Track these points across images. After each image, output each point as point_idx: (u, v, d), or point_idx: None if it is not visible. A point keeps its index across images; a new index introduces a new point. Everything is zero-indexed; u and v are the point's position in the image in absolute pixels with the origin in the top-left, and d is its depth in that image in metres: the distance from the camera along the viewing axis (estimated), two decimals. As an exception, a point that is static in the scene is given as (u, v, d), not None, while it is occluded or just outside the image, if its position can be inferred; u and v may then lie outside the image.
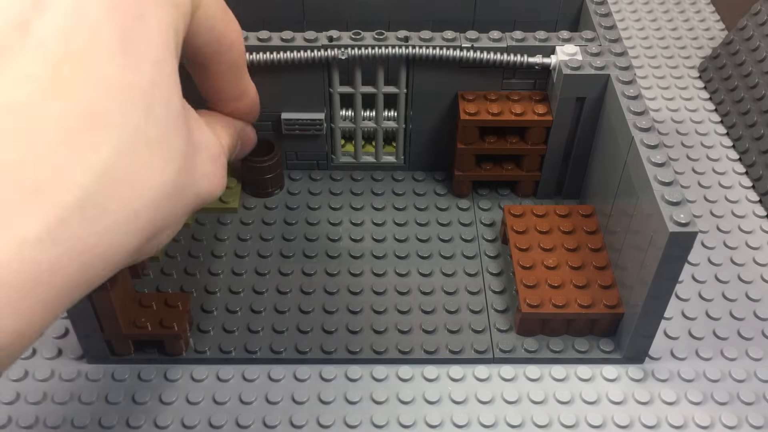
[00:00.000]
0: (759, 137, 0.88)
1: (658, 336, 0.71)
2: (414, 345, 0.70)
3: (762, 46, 0.93)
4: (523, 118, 0.77)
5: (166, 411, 0.67)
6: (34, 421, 0.66)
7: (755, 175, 0.87)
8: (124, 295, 0.66)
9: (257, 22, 0.86)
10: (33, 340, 0.40)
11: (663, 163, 0.64)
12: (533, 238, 0.74)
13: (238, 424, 0.66)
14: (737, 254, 0.80)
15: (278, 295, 0.74)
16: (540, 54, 0.77)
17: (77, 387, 0.68)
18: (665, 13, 1.11)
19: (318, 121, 0.81)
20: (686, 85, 0.99)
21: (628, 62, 0.74)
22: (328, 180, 0.85)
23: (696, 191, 0.86)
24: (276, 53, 0.76)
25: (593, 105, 0.75)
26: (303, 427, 0.66)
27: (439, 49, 0.76)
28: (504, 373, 0.69)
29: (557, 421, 0.66)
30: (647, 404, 0.68)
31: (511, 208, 0.77)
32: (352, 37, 0.77)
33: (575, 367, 0.70)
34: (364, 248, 0.78)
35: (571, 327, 0.70)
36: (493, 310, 0.73)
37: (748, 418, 0.67)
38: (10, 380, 0.68)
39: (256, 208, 0.82)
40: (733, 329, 0.73)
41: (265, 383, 0.69)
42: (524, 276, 0.71)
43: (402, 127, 0.83)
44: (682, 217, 0.60)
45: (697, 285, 0.77)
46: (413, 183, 0.85)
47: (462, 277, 0.76)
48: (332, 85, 0.79)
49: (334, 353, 0.70)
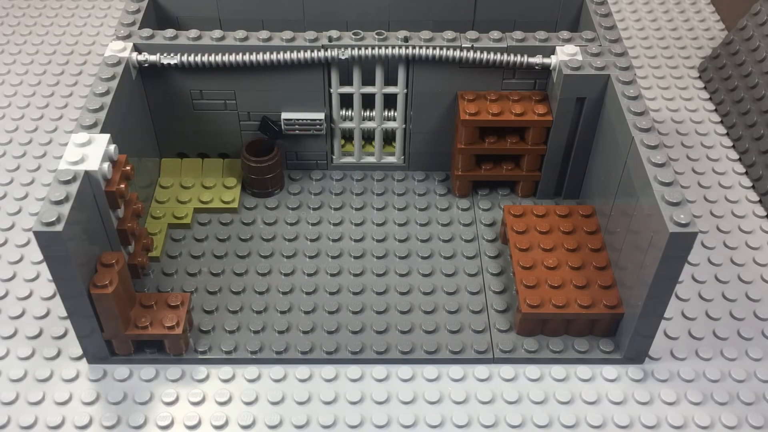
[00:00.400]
0: (759, 137, 0.88)
1: (658, 336, 0.71)
2: (414, 345, 0.70)
3: (762, 46, 0.93)
4: (523, 118, 0.77)
5: (166, 411, 0.67)
6: (34, 421, 0.66)
7: (755, 175, 0.87)
8: (124, 295, 0.66)
9: (257, 22, 0.86)
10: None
11: (663, 163, 0.64)
12: (533, 238, 0.74)
13: (238, 424, 0.66)
14: (737, 254, 0.80)
15: (278, 295, 0.74)
16: (540, 54, 0.77)
17: (77, 387, 0.68)
18: (665, 13, 1.11)
19: (318, 121, 0.81)
20: (686, 85, 0.99)
21: (628, 62, 0.74)
22: (328, 180, 0.85)
23: (696, 191, 0.86)
24: (276, 53, 0.76)
25: (593, 105, 0.75)
26: (303, 427, 0.66)
27: (440, 50, 0.76)
28: (504, 373, 0.69)
29: (557, 421, 0.66)
30: (647, 404, 0.68)
31: (511, 208, 0.77)
32: (352, 37, 0.77)
33: (575, 367, 0.70)
34: (364, 248, 0.78)
35: (571, 327, 0.70)
36: (493, 310, 0.73)
37: (748, 418, 0.67)
38: (10, 380, 0.68)
39: (256, 208, 0.82)
40: (733, 329, 0.73)
41: (265, 383, 0.69)
42: (524, 276, 0.71)
43: (402, 127, 0.83)
44: (682, 218, 0.60)
45: (697, 285, 0.77)
46: (413, 183, 0.85)
47: (462, 277, 0.76)
48: (332, 85, 0.79)
49: (334, 353, 0.70)
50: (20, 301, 0.74)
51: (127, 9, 0.80)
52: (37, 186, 0.85)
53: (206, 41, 0.76)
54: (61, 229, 0.59)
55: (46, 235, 0.59)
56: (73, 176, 0.62)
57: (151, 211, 0.80)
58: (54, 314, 0.73)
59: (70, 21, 1.08)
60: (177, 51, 0.76)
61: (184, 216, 0.80)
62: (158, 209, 0.80)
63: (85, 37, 1.05)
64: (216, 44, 0.76)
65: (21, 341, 0.71)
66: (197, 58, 0.76)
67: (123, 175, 0.67)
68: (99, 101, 0.70)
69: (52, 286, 0.75)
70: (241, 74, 0.78)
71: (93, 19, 1.09)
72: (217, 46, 0.76)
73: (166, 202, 0.81)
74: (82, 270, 0.62)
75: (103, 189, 0.65)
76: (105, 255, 0.65)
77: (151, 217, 0.80)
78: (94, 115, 0.68)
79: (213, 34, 0.77)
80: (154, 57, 0.76)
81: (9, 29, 1.06)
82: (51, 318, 0.73)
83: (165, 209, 0.80)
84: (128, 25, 0.78)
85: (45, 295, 0.75)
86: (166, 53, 0.76)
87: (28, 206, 0.83)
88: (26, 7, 1.11)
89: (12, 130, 0.91)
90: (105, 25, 1.08)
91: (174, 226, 0.80)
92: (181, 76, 0.78)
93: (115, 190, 0.66)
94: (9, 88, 0.97)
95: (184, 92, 0.80)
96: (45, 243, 0.60)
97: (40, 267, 0.77)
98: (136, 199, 0.71)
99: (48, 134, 0.91)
